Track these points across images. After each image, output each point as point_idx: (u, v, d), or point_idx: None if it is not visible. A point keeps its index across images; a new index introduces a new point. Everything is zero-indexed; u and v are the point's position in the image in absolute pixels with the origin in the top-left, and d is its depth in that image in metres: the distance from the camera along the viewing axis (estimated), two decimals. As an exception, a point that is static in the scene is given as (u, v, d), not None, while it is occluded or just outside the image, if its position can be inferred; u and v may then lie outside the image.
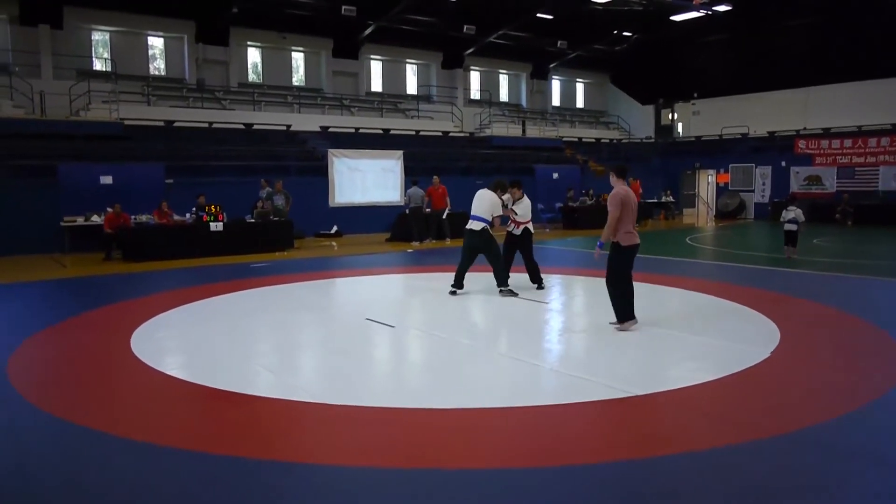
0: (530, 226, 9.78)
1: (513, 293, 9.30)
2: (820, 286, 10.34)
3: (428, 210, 17.27)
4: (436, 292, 10.11)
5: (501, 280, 9.45)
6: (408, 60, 28.37)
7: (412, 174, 19.32)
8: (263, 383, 5.49)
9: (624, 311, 7.20)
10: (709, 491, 3.52)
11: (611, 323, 7.31)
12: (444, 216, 17.38)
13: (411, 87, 28.64)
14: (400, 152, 20.68)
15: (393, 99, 27.56)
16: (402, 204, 18.79)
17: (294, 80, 25.67)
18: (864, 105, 24.86)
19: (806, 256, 13.50)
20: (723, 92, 29.46)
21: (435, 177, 17.68)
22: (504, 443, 4.21)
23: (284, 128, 21.77)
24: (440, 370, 5.99)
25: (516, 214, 9.66)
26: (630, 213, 7.19)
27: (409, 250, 15.62)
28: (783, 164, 25.75)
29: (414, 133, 24.71)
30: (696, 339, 6.84)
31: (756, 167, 26.72)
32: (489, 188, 9.55)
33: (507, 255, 9.75)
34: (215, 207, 14.59)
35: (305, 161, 20.32)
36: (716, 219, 26.91)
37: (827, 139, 24.68)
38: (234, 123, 21.07)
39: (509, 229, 9.81)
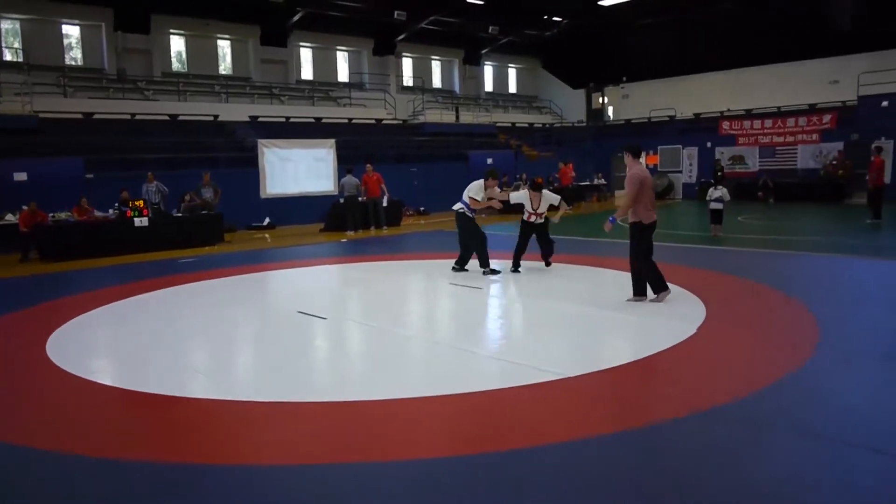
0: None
1: (494, 272, 9.72)
2: (744, 262, 10.68)
3: (362, 199, 17.11)
4: (370, 282, 10.03)
5: (483, 261, 9.86)
6: (338, 47, 27.95)
7: (345, 163, 19.07)
8: (191, 383, 5.30)
9: (657, 284, 7.55)
10: (634, 470, 3.57)
11: (649, 299, 7.55)
12: (384, 204, 17.28)
13: (343, 75, 28.24)
14: (332, 141, 20.37)
15: (324, 87, 27.13)
16: (336, 193, 18.54)
17: (221, 68, 24.97)
18: (783, 87, 25.84)
19: (731, 234, 13.95)
20: (651, 75, 30.11)
21: (368, 164, 17.50)
22: (437, 431, 4.18)
23: (212, 118, 21.16)
24: (373, 361, 5.91)
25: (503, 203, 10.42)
26: (648, 191, 7.48)
27: (344, 240, 15.43)
28: (709, 144, 26.52)
29: (346, 121, 24.39)
30: (626, 318, 6.96)
31: (683, 148, 27.45)
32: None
33: (521, 241, 10.12)
34: (141, 202, 14.08)
35: (235, 152, 19.81)
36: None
37: (749, 120, 25.52)
38: (158, 115, 20.35)
39: (531, 220, 10.13)
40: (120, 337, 6.91)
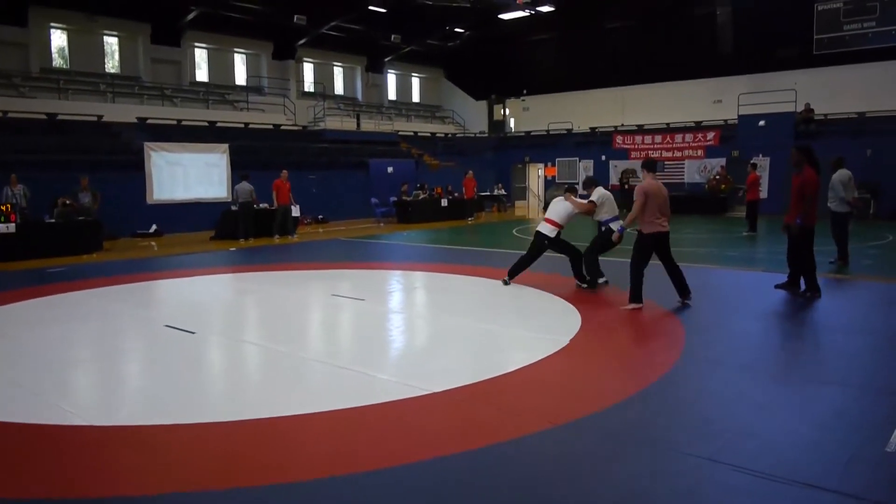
0: (612, 225, 9.10)
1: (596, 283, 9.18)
2: (624, 272, 10.96)
3: (273, 206, 16.85)
4: (252, 294, 9.67)
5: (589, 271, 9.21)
6: (236, 49, 27.14)
7: (241, 168, 18.49)
8: (23, 407, 4.85)
9: (633, 293, 7.79)
10: (485, 487, 3.51)
11: (620, 307, 7.84)
12: (296, 213, 17.15)
13: (240, 78, 27.43)
14: (225, 146, 19.69)
15: (220, 90, 26.25)
16: (229, 200, 17.93)
17: (108, 66, 23.70)
18: (672, 104, 27.04)
19: (620, 245, 14.34)
20: (550, 89, 30.88)
21: (284, 171, 17.06)
22: (303, 451, 3.98)
23: (95, 119, 20.00)
24: (235, 379, 5.65)
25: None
26: (654, 203, 7.70)
27: (233, 249, 14.88)
28: (603, 157, 27.44)
29: (243, 126, 23.65)
30: (502, 330, 6.97)
31: (580, 161, 28.28)
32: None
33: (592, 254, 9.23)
34: (7, 206, 13.10)
35: (119, 155, 18.78)
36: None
37: (640, 135, 26.60)
38: (34, 113, 19.01)
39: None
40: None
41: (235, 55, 27.30)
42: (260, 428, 4.34)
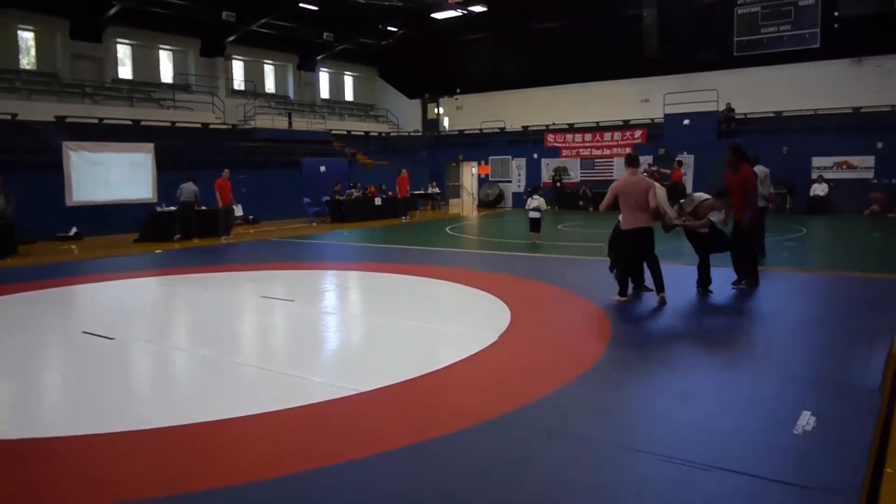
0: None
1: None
2: (556, 269, 11.20)
3: (213, 207, 16.54)
4: (177, 297, 9.41)
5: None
6: (161, 46, 26.29)
7: (166, 168, 17.98)
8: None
9: (620, 285, 7.90)
10: (408, 489, 3.51)
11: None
12: (237, 213, 16.86)
13: (166, 76, 26.61)
14: (150, 145, 19.09)
15: (145, 88, 25.38)
16: (155, 201, 17.41)
17: (23, 62, 22.61)
18: (601, 104, 27.62)
19: (550, 241, 14.62)
20: (483, 88, 31.11)
21: (226, 170, 16.65)
22: (227, 456, 3.89)
23: (9, 117, 19.05)
24: (157, 385, 5.49)
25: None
26: (626, 202, 7.75)
27: (159, 251, 14.42)
28: (535, 156, 27.84)
29: (169, 124, 22.95)
30: (435, 328, 6.99)
31: (512, 159, 28.61)
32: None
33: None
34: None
35: (36, 155, 17.94)
36: (478, 208, 28.43)
37: (571, 134, 27.09)
38: (-60, 111, 18.04)
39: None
40: None
41: (161, 52, 26.45)
42: (182, 435, 4.22)
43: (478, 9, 27.80)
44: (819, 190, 21.47)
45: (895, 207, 19.87)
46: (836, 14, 21.63)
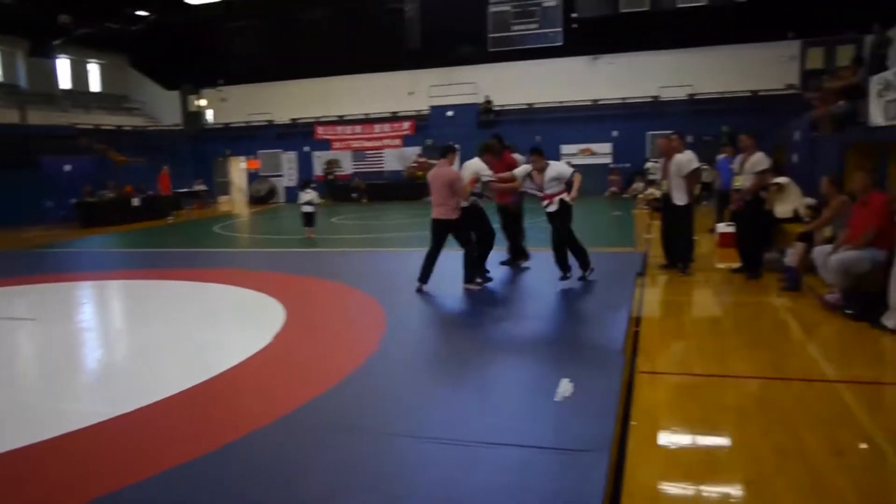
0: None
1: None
2: (330, 263, 11.14)
3: None
4: None
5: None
6: None
7: None
8: None
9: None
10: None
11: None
12: None
13: None
14: None
15: None
16: None
17: None
18: (370, 95, 27.89)
19: (324, 235, 14.51)
20: (248, 79, 29.87)
21: None
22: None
23: None
24: None
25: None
26: (431, 189, 7.90)
27: None
28: (306, 149, 27.47)
29: None
30: (206, 334, 6.61)
31: (283, 153, 27.96)
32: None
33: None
34: None
35: None
36: (249, 205, 27.38)
37: (341, 126, 27.12)
38: None
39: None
40: None
41: None
42: None
43: (237, -5, 26.62)
44: (568, 174, 23.69)
45: (629, 188, 22.57)
46: (573, 15, 23.89)
